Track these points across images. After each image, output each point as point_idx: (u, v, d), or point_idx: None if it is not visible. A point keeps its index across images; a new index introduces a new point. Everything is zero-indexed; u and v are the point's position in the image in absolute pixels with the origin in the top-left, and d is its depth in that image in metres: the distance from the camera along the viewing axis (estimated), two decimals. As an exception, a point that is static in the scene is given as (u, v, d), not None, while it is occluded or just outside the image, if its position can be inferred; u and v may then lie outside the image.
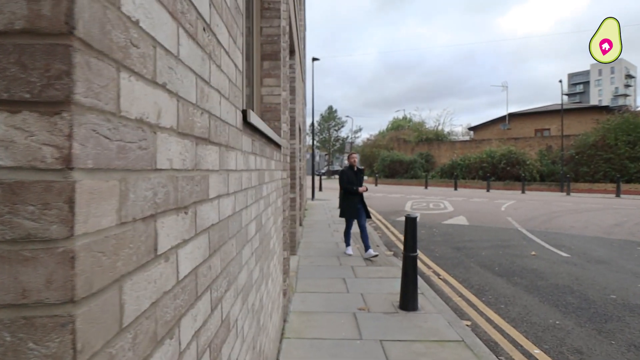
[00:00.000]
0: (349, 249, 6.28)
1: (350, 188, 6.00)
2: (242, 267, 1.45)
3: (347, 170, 6.14)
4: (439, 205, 13.52)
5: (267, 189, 2.24)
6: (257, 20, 3.20)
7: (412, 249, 3.90)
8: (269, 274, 2.32)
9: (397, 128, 37.31)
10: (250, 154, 1.62)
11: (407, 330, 3.38)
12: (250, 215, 1.62)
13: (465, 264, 5.92)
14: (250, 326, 1.63)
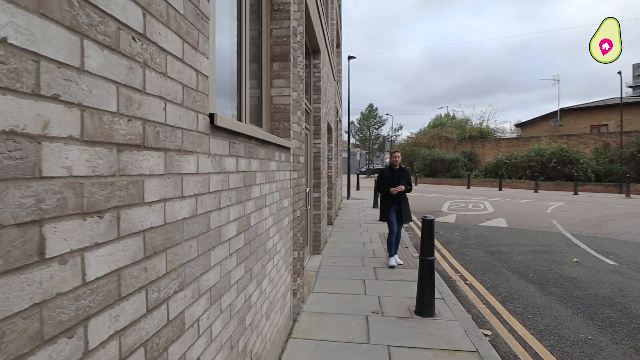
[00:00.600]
0: (391, 259, 5.47)
1: (381, 189, 5.57)
2: (211, 268, 1.48)
3: (385, 169, 5.65)
4: (478, 206, 12.90)
5: (261, 190, 2.27)
6: (266, 22, 3.24)
7: (429, 252, 3.76)
8: (264, 274, 2.35)
9: (439, 126, 36.01)
10: (226, 157, 1.64)
11: (418, 336, 3.26)
12: (226, 216, 1.65)
13: (497, 269, 5.60)
14: (226, 326, 1.66)
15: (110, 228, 0.87)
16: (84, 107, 0.78)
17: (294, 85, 3.46)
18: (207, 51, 1.41)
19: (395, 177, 5.49)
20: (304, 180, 3.94)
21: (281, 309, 2.93)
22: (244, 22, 2.61)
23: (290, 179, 3.31)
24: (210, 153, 1.47)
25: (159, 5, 1.06)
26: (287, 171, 3.13)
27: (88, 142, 0.79)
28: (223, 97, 2.50)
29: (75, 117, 0.75)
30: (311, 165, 6.31)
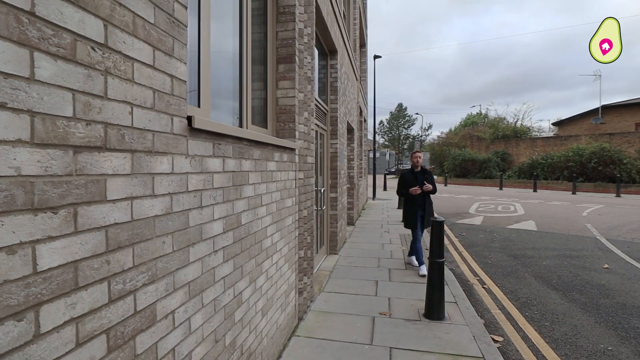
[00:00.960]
0: (422, 268, 5.06)
1: (402, 193, 5.19)
2: (190, 263, 1.55)
3: (406, 172, 5.26)
4: (508, 208, 12.40)
5: (255, 189, 2.33)
6: (272, 25, 3.31)
7: (438, 255, 3.69)
8: (259, 272, 2.41)
9: (471, 125, 34.85)
10: (209, 157, 1.71)
11: (423, 340, 3.21)
12: (209, 215, 1.72)
13: (519, 273, 5.38)
14: (209, 320, 1.73)
15: (65, 223, 0.95)
16: (34, 113, 0.86)
17: (300, 86, 3.51)
18: (183, 57, 1.48)
19: (419, 180, 5.09)
20: (312, 180, 3.97)
21: (282, 307, 2.98)
22: (245, 26, 2.69)
23: (295, 179, 3.36)
24: (189, 154, 1.54)
25: (123, 16, 1.14)
26: (290, 171, 3.18)
27: (39, 145, 0.87)
28: (225, 98, 2.59)
29: (25, 122, 0.84)
30: (328, 165, 6.34)
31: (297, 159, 3.44)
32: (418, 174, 5.15)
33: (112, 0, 1.09)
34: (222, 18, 2.51)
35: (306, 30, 3.74)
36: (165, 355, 1.39)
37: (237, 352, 2.08)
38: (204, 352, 1.69)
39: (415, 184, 5.10)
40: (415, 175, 5.15)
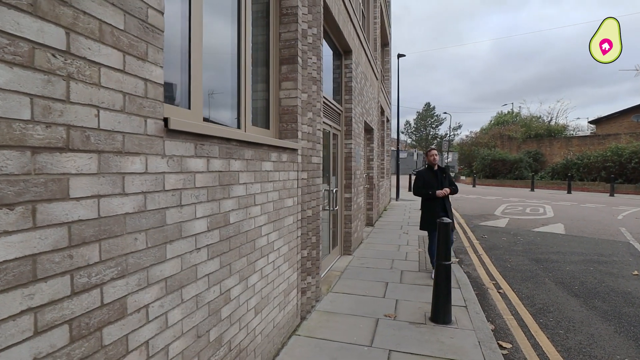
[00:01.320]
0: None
1: (423, 193, 4.85)
2: (167, 260, 1.61)
3: (423, 171, 4.95)
4: (537, 210, 11.87)
5: (247, 189, 2.37)
6: (275, 26, 3.36)
7: (445, 257, 3.60)
8: (252, 270, 2.45)
9: (502, 124, 33.57)
10: (191, 157, 1.77)
11: (425, 344, 3.15)
12: (191, 213, 1.78)
13: (539, 278, 5.15)
14: (190, 316, 1.78)
15: (23, 219, 1.02)
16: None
17: (303, 87, 3.53)
18: (159, 61, 1.53)
19: (438, 178, 4.78)
20: (319, 180, 3.98)
21: (281, 306, 3.01)
22: (243, 28, 2.74)
23: (297, 179, 3.38)
24: (166, 154, 1.59)
25: (88, 24, 1.20)
26: (291, 171, 3.21)
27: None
28: (223, 100, 2.66)
29: (-23, 124, 0.90)
30: (342, 165, 6.33)
31: (300, 159, 3.46)
32: (437, 173, 4.85)
33: (76, 10, 1.16)
34: (218, 20, 2.57)
35: (311, 30, 3.76)
36: (138, 347, 1.45)
37: (225, 348, 2.12)
38: (184, 347, 1.74)
39: (435, 183, 4.81)
40: (435, 174, 4.84)
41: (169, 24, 1.92)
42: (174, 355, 1.68)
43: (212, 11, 2.43)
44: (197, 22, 2.09)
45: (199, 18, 2.11)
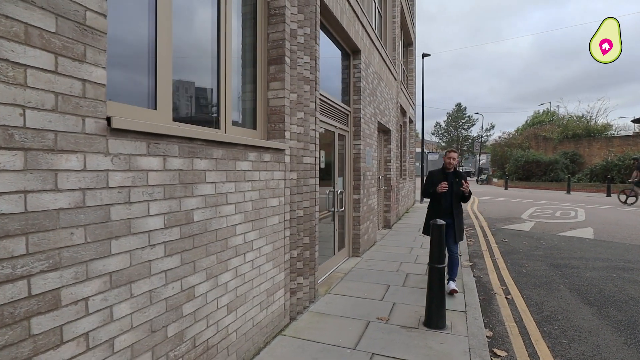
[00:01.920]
0: (451, 283, 4.31)
1: (424, 190, 4.58)
2: (112, 255, 1.66)
3: (435, 171, 4.58)
4: (568, 214, 11.18)
5: (217, 188, 2.40)
6: (263, 27, 3.38)
7: (438, 260, 3.46)
8: (223, 269, 2.47)
9: (537, 124, 31.87)
10: (142, 156, 1.81)
11: (411, 348, 3.04)
12: (143, 210, 1.82)
13: (553, 285, 4.84)
14: (143, 310, 1.82)
15: None
16: None
17: (292, 87, 3.53)
18: (100, 62, 1.59)
19: (449, 181, 4.36)
20: (313, 181, 3.96)
21: (262, 305, 3.02)
22: (223, 32, 2.78)
23: (285, 180, 3.38)
24: (110, 152, 1.64)
25: (11, 27, 1.26)
26: (276, 171, 3.21)
27: None
28: (202, 100, 2.71)
29: None
30: (350, 166, 6.27)
31: (288, 159, 3.46)
32: (449, 175, 4.42)
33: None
34: (196, 21, 2.63)
35: (303, 30, 3.75)
36: (75, 338, 1.50)
37: (188, 345, 2.15)
38: (134, 340, 1.78)
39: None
40: (445, 176, 4.42)
41: (132, 24, 1.98)
42: (122, 348, 1.72)
43: (182, 10, 2.48)
44: (164, 26, 2.14)
45: (167, 20, 2.16)
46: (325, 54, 5.32)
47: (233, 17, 2.95)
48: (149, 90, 2.13)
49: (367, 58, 6.65)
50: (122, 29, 1.97)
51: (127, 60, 2.04)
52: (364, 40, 6.42)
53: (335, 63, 5.85)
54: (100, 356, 1.61)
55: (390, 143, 9.44)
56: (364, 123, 6.51)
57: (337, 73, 5.93)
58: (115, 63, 1.89)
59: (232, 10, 2.89)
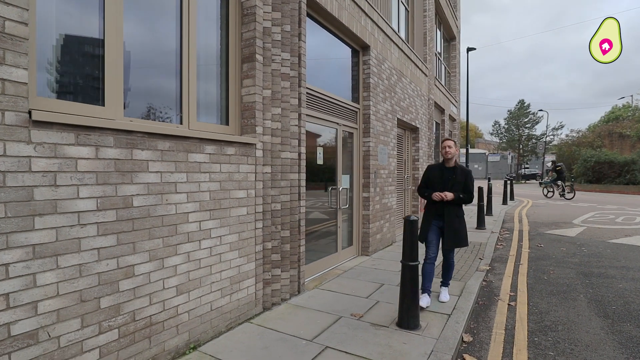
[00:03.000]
0: (422, 297, 3.73)
1: (419, 192, 3.98)
2: (35, 229, 1.91)
3: (433, 166, 3.96)
4: (632, 220, 9.85)
5: (163, 177, 2.60)
6: (237, 27, 3.56)
7: (410, 257, 3.34)
8: (172, 252, 2.66)
9: (615, 119, 28.25)
10: (70, 145, 2.06)
11: (369, 345, 2.98)
12: (71, 193, 2.06)
13: (572, 294, 4.36)
14: (71, 281, 2.06)
15: None
16: None
17: (265, 83, 3.65)
18: (21, 64, 1.85)
19: (445, 179, 3.78)
20: (295, 176, 4.03)
21: (224, 292, 3.16)
22: (186, 34, 3.00)
23: (255, 173, 3.51)
24: (33, 141, 1.90)
25: None
26: (243, 164, 3.36)
27: None
28: (164, 98, 2.95)
29: None
30: (360, 164, 6.22)
31: (261, 153, 3.59)
32: (446, 171, 3.82)
33: None
34: (158, 23, 2.87)
35: (281, 27, 3.85)
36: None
37: (126, 317, 2.37)
38: (60, 306, 2.02)
39: (439, 184, 3.79)
40: (442, 172, 3.84)
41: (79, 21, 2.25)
42: (47, 312, 1.97)
43: (139, 11, 2.73)
44: (113, 28, 2.40)
45: (117, 17, 2.42)
46: (328, 50, 5.37)
47: (199, 18, 3.16)
48: (99, 89, 2.40)
49: (380, 54, 6.55)
50: (71, 31, 2.25)
51: (78, 62, 2.32)
52: (375, 36, 6.34)
53: (341, 60, 5.87)
54: (21, 315, 1.87)
55: (418, 141, 9.14)
56: (376, 120, 6.41)
57: (342, 70, 5.93)
58: (66, 65, 2.17)
59: (195, 12, 3.10)
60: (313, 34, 5.02)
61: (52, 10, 2.17)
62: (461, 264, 5.77)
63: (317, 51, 5.16)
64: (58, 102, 2.14)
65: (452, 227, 3.75)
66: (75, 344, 2.10)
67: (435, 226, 3.82)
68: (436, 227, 3.82)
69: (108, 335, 2.26)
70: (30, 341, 1.90)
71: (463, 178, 3.79)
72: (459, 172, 3.81)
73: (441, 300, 3.94)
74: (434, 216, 3.83)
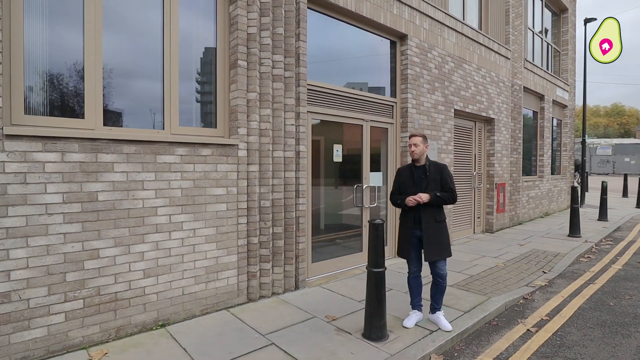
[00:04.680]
0: (409, 317, 3.40)
1: (392, 200, 3.45)
2: (7, 216, 2.53)
3: (401, 169, 3.48)
4: None
5: (129, 177, 3.05)
6: (225, 35, 3.84)
7: (374, 264, 3.12)
8: (139, 240, 3.11)
9: None
10: (38, 152, 2.64)
11: (314, 349, 2.93)
12: (39, 189, 2.64)
13: (628, 330, 3.40)
14: (40, 257, 2.65)
15: None
16: None
17: (250, 87, 3.84)
18: None
19: (417, 179, 3.29)
20: (292, 174, 4.13)
21: (198, 280, 3.49)
22: (167, 48, 3.43)
23: (237, 171, 3.75)
24: (6, 149, 2.52)
25: None
26: (222, 164, 3.63)
27: None
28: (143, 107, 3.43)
29: None
30: (396, 160, 5.89)
31: (245, 153, 3.80)
32: (417, 171, 3.32)
33: None
34: (139, 42, 3.35)
35: (272, 31, 3.98)
36: (-27, 264, 2.43)
37: (91, 291, 2.89)
38: (29, 276, 2.62)
39: (412, 186, 3.30)
40: (412, 173, 3.34)
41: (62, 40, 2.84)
42: (18, 279, 2.58)
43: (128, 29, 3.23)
44: (92, 43, 2.94)
45: (96, 38, 2.96)
46: (353, 45, 5.23)
47: (179, 30, 3.53)
48: (77, 105, 2.98)
49: (425, 41, 6.05)
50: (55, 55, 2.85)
51: (61, 83, 2.92)
52: (416, 23, 5.88)
53: (372, 53, 5.64)
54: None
55: (494, 134, 8.06)
56: (418, 114, 5.96)
57: (374, 63, 5.69)
58: (53, 85, 2.79)
59: (177, 24, 3.48)
60: (333, 29, 4.98)
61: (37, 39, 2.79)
62: (512, 274, 4.99)
63: (339, 47, 5.09)
64: (53, 118, 2.78)
65: (432, 235, 3.24)
66: (43, 307, 2.69)
67: (414, 237, 3.33)
68: (415, 239, 3.33)
69: (73, 304, 2.82)
70: (4, 299, 2.54)
71: (438, 175, 3.30)
72: (432, 168, 3.32)
73: (442, 329, 3.28)
74: (412, 225, 3.32)
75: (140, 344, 2.95)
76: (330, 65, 5.05)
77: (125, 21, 3.24)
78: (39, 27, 2.79)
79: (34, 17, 2.76)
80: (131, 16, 3.28)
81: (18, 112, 2.67)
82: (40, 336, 2.67)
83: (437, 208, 3.30)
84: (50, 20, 2.84)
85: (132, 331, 3.11)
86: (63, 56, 2.91)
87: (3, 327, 2.54)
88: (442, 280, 3.34)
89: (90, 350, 2.83)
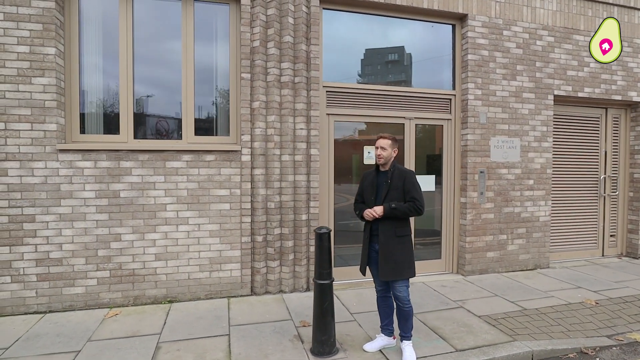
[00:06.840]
0: (375, 339, 3.08)
1: (355, 209, 3.08)
2: (60, 206, 3.67)
3: (366, 174, 3.10)
4: None
5: (143, 179, 3.86)
6: (237, 55, 4.29)
7: (318, 275, 2.99)
8: (151, 230, 3.89)
9: None
10: (79, 161, 3.70)
11: (252, 349, 3.07)
12: (79, 187, 3.70)
13: None
14: (80, 235, 3.71)
15: (-12, 180, 3.50)
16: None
17: (255, 96, 4.15)
18: (52, 121, 3.61)
19: (378, 186, 2.93)
20: (303, 177, 4.25)
21: (202, 268, 4.04)
22: (184, 70, 4.15)
23: (241, 175, 4.14)
24: (59, 159, 3.64)
25: None
26: (225, 168, 4.08)
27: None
28: (165, 121, 4.24)
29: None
30: (454, 161, 5.13)
31: (248, 157, 4.14)
32: (379, 177, 2.96)
33: None
34: (163, 75, 4.15)
35: (278, 40, 4.17)
36: (40, 237, 3.63)
37: (114, 265, 3.82)
38: (74, 249, 3.71)
39: (372, 193, 2.93)
40: (373, 179, 2.98)
41: (106, 70, 3.90)
42: (67, 250, 3.69)
43: (156, 65, 4.09)
44: (125, 88, 3.90)
45: (128, 67, 3.91)
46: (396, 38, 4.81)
47: (195, 55, 4.16)
48: (115, 123, 3.97)
49: (498, 17, 5.02)
50: (100, 85, 3.91)
51: (103, 106, 3.97)
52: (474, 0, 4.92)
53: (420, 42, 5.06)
54: (54, 248, 3.67)
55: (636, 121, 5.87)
56: (485, 106, 5.01)
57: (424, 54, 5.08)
58: (96, 108, 3.88)
59: (192, 51, 4.13)
60: (367, 24, 4.77)
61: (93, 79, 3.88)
62: (598, 317, 3.77)
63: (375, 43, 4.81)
64: (95, 135, 3.86)
65: (389, 252, 2.82)
66: (82, 272, 3.75)
67: (373, 251, 2.95)
68: (375, 253, 2.94)
69: (103, 273, 3.80)
70: (58, 263, 3.69)
71: (400, 182, 2.83)
72: (396, 175, 2.86)
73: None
74: (371, 238, 2.96)
75: (143, 312, 3.72)
76: (373, 62, 4.83)
77: (150, 54, 4.08)
78: (90, 63, 3.87)
79: (88, 55, 3.86)
80: (154, 49, 4.10)
81: (75, 132, 3.81)
82: (80, 292, 3.75)
83: (398, 221, 2.86)
84: (96, 56, 3.90)
85: (146, 302, 3.93)
86: (104, 84, 3.93)
87: (58, 282, 3.69)
88: (402, 303, 2.89)
89: (111, 310, 3.76)
